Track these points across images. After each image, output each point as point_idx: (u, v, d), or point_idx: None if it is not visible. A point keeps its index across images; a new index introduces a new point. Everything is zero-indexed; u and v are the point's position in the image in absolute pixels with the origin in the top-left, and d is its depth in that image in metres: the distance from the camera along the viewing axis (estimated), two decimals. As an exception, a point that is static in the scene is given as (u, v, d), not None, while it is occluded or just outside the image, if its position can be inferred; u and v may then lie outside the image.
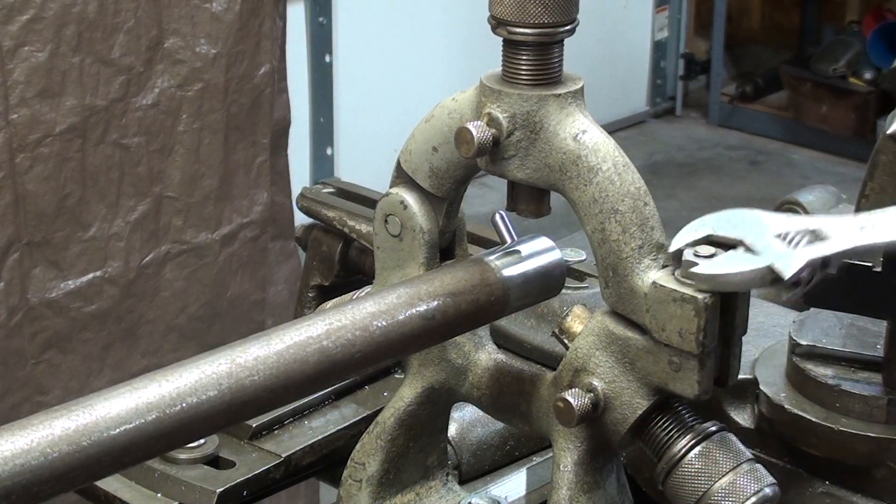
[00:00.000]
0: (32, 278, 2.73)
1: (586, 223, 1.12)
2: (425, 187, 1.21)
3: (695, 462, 1.12)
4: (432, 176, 1.20)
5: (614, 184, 1.10)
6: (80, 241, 2.79)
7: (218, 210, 3.01)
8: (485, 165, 1.16)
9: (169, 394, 0.96)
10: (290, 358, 1.03)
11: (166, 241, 2.95)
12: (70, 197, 2.74)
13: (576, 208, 1.12)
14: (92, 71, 2.72)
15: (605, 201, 1.10)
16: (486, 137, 1.12)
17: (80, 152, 2.74)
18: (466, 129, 1.12)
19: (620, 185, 1.10)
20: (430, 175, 1.20)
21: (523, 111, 1.12)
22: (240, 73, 2.96)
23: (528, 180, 1.14)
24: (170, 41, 2.85)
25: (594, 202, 1.10)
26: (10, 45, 2.58)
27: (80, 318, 2.83)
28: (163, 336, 3.01)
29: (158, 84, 2.84)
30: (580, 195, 1.11)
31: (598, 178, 1.10)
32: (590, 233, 1.12)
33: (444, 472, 1.35)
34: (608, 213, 1.10)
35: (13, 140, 2.61)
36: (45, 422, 0.90)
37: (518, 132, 1.13)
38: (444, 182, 1.20)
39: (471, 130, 1.12)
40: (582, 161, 1.11)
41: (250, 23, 2.95)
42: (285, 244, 3.21)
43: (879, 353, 1.26)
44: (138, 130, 2.84)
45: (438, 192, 1.20)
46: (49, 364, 2.81)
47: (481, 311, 1.16)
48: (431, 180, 1.20)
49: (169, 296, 2.98)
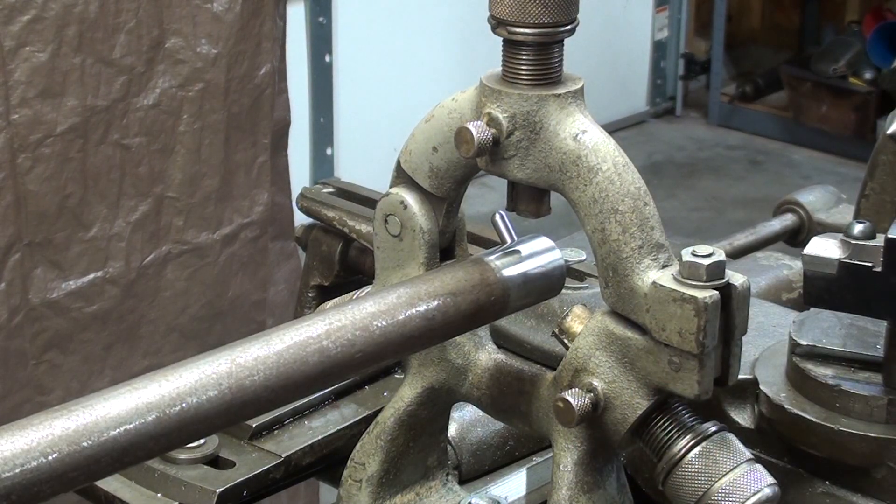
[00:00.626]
0: (33, 279, 2.73)
1: (586, 223, 1.12)
2: (425, 187, 1.21)
3: (695, 462, 1.12)
4: (432, 176, 1.20)
5: (614, 184, 1.10)
6: (81, 242, 2.79)
7: (219, 210, 3.01)
8: (485, 165, 1.16)
9: (169, 394, 0.96)
10: (290, 358, 1.03)
11: (167, 241, 2.95)
12: (71, 197, 2.74)
13: (576, 208, 1.12)
14: (93, 71, 2.72)
15: (606, 201, 1.10)
16: (486, 137, 1.12)
17: (81, 152, 2.74)
18: (466, 128, 1.12)
19: (620, 185, 1.10)
20: (430, 175, 1.20)
21: (523, 111, 1.13)
22: (241, 74, 2.96)
23: (528, 180, 1.14)
24: (171, 41, 2.85)
25: (594, 202, 1.10)
26: (11, 46, 2.58)
27: (81, 319, 2.83)
28: (164, 336, 3.01)
29: (159, 84, 2.85)
30: (580, 195, 1.11)
31: (599, 178, 1.10)
32: (590, 233, 1.12)
33: (444, 472, 1.35)
34: (608, 214, 1.10)
35: (14, 140, 2.62)
36: (45, 422, 0.90)
37: (518, 132, 1.13)
38: (444, 182, 1.20)
39: (471, 130, 1.12)
40: (582, 161, 1.11)
41: (251, 23, 2.95)
42: (285, 244, 3.21)
43: (879, 353, 1.26)
44: (139, 131, 2.84)
45: (438, 192, 1.21)
46: (50, 364, 2.81)
47: (481, 311, 1.16)
48: (431, 180, 1.20)
49: (170, 296, 2.98)
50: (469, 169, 1.19)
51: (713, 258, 1.09)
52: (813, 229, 1.98)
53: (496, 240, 1.27)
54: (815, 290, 1.24)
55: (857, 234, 1.21)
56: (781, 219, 2.04)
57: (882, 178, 1.51)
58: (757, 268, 1.77)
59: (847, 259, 1.20)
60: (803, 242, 1.78)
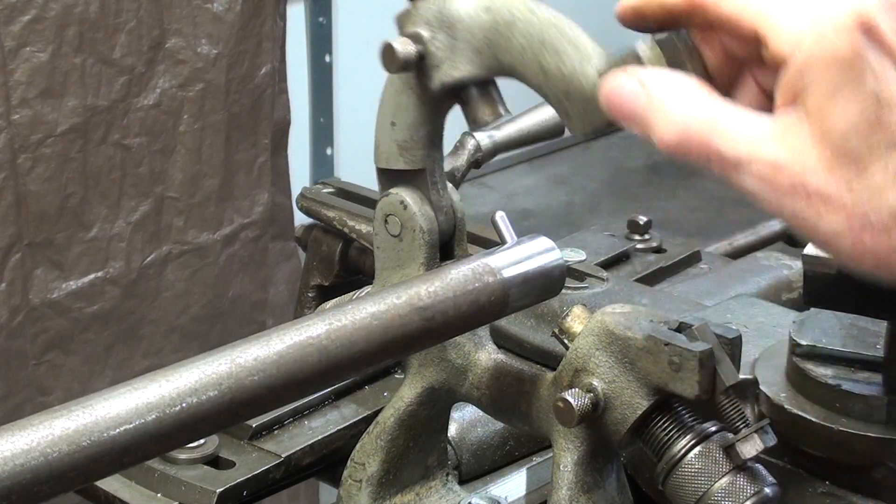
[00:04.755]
0: (34, 279, 2.73)
1: (528, 75, 1.11)
2: (403, 167, 1.21)
3: (695, 462, 1.12)
4: (402, 151, 1.20)
5: (534, 24, 1.10)
6: (82, 242, 2.80)
7: (219, 210, 3.02)
8: (428, 84, 1.17)
9: (169, 394, 0.96)
10: (290, 358, 1.03)
11: (168, 241, 2.95)
12: (72, 197, 2.75)
13: (515, 71, 1.12)
14: (93, 71, 2.72)
15: (532, 40, 1.09)
16: (410, 51, 1.15)
17: (81, 153, 2.74)
18: (389, 44, 1.15)
19: (540, 22, 1.10)
20: (399, 152, 1.20)
21: (435, 13, 1.14)
22: (241, 74, 2.96)
23: (468, 76, 1.14)
24: (171, 41, 2.85)
25: (524, 50, 1.10)
26: (11, 46, 2.58)
27: (81, 319, 2.83)
28: (164, 336, 3.01)
29: (160, 84, 2.85)
30: (512, 55, 1.11)
31: (519, 26, 1.10)
32: (534, 83, 1.10)
33: (444, 472, 1.35)
34: (538, 49, 1.09)
35: (15, 140, 2.62)
36: (45, 422, 0.90)
37: (439, 36, 1.14)
38: (415, 149, 1.20)
39: (393, 45, 1.14)
40: (499, 24, 1.11)
41: (251, 23, 2.95)
42: (286, 244, 3.21)
43: (879, 353, 1.26)
44: (140, 131, 2.84)
45: (416, 164, 1.21)
46: (51, 365, 2.82)
47: (481, 311, 1.16)
48: (404, 156, 1.20)
49: (170, 296, 2.99)
50: (431, 121, 1.20)
51: None
52: (813, 229, 1.98)
53: (496, 240, 1.27)
54: (815, 290, 1.24)
55: (857, 234, 1.21)
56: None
57: (882, 178, 1.50)
58: (757, 268, 1.77)
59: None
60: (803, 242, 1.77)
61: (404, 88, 1.18)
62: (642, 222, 1.82)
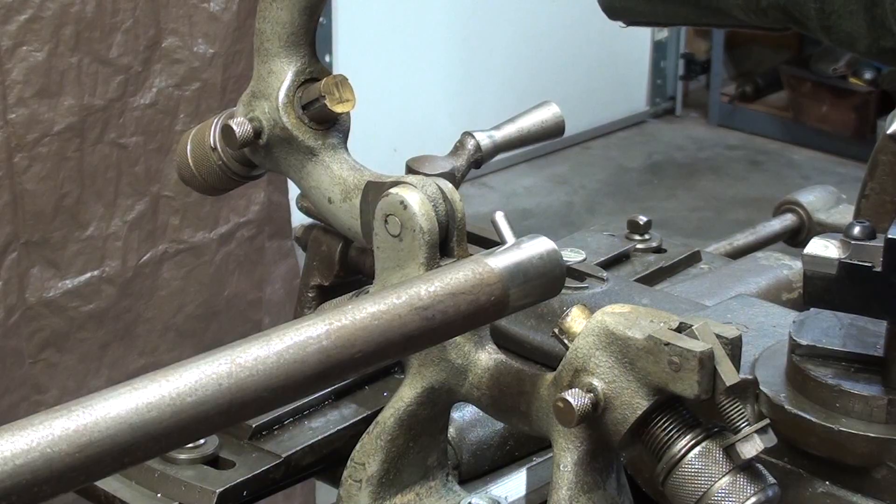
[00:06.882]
0: (30, 278, 2.73)
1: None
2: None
3: (695, 462, 1.12)
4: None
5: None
6: (78, 241, 2.79)
7: (215, 209, 3.02)
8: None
9: (169, 394, 0.95)
10: (290, 358, 1.03)
11: (164, 240, 2.95)
12: (68, 196, 2.74)
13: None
14: (90, 70, 2.72)
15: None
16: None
17: (77, 152, 2.74)
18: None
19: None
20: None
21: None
22: (237, 73, 2.96)
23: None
24: (167, 41, 2.85)
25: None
26: (8, 45, 2.58)
27: (77, 318, 2.83)
28: (160, 335, 3.01)
29: (156, 84, 2.85)
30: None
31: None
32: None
33: (444, 472, 1.35)
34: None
35: (11, 139, 2.62)
36: (45, 422, 0.90)
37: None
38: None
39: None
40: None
41: (248, 22, 2.95)
42: (282, 243, 3.21)
43: (879, 353, 1.25)
44: (136, 130, 2.84)
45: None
46: (47, 363, 2.81)
47: (481, 311, 1.16)
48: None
49: (166, 295, 2.98)
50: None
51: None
52: (813, 229, 1.98)
53: (496, 240, 1.27)
54: (815, 290, 1.24)
55: (857, 234, 1.21)
56: (781, 219, 2.04)
57: (882, 178, 1.51)
58: (757, 268, 1.77)
59: (847, 259, 1.20)
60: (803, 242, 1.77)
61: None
62: (642, 222, 1.82)
